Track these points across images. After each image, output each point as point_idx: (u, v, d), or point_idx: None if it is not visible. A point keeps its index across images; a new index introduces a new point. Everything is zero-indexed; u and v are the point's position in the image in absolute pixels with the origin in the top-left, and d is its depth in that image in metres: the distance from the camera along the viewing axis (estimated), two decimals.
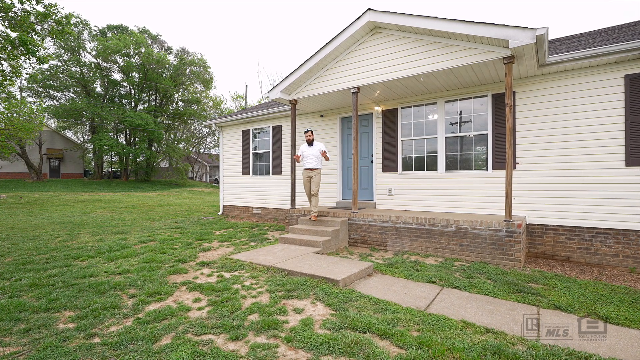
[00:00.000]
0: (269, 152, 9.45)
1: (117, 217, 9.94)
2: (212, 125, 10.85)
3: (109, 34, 30.29)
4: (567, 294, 3.63)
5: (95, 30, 29.99)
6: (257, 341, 2.56)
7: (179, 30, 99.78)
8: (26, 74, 19.70)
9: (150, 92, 32.52)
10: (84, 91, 29.39)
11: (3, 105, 14.98)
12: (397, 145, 7.02)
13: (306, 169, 6.40)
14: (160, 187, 27.63)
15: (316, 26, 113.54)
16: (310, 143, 6.39)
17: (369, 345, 2.45)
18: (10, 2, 11.28)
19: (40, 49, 12.40)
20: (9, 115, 15.02)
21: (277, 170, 9.19)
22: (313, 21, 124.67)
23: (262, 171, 9.66)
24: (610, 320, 2.98)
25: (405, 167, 6.97)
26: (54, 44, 26.56)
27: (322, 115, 8.25)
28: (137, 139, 30.45)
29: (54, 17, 12.27)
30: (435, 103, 6.58)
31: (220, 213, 10.79)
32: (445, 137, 6.45)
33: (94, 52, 29.02)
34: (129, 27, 31.90)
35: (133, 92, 31.81)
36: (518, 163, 5.68)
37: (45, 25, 12.81)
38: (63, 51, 27.75)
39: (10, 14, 11.47)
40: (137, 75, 30.74)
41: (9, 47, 11.46)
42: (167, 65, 31.17)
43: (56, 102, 28.80)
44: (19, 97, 22.60)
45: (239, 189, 10.24)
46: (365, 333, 2.68)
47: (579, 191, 5.20)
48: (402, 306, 3.24)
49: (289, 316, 3.01)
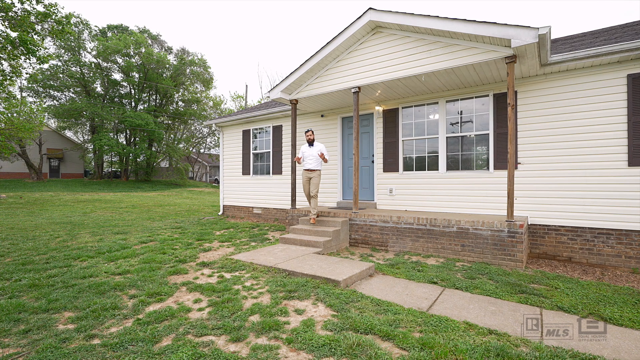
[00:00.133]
0: (269, 152, 9.43)
1: (117, 217, 9.92)
2: (212, 125, 10.84)
3: (109, 34, 30.30)
4: (570, 295, 3.61)
5: (96, 30, 30.01)
6: (258, 342, 2.54)
7: (179, 30, 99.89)
8: (26, 73, 19.73)
9: (151, 92, 32.52)
10: (84, 91, 29.39)
11: (3, 105, 14.97)
12: (398, 145, 7.00)
13: (306, 170, 6.36)
14: (161, 187, 27.61)
15: (316, 26, 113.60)
16: (310, 143, 6.36)
17: (371, 347, 2.43)
18: (10, 1, 11.27)
19: (41, 49, 12.39)
20: (9, 115, 15.02)
21: (278, 170, 9.17)
22: (313, 21, 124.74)
23: (262, 171, 9.64)
24: (614, 322, 2.95)
25: (406, 167, 6.95)
26: (54, 44, 26.61)
27: (322, 115, 8.23)
28: (137, 139, 30.44)
29: (54, 16, 12.28)
30: (436, 103, 6.56)
31: (220, 213, 10.78)
32: (446, 137, 6.42)
33: (94, 52, 29.04)
34: (129, 27, 31.93)
35: (133, 92, 31.81)
36: (520, 163, 5.66)
37: (46, 25, 12.80)
38: (63, 51, 27.76)
39: (10, 14, 11.47)
40: (137, 75, 30.74)
41: (9, 47, 11.46)
42: (167, 65, 31.17)
43: (56, 102, 28.80)
44: (19, 97, 22.61)
45: (239, 189, 10.22)
46: (367, 334, 2.66)
47: (581, 191, 5.18)
48: (404, 307, 3.22)
49: (290, 317, 2.99)
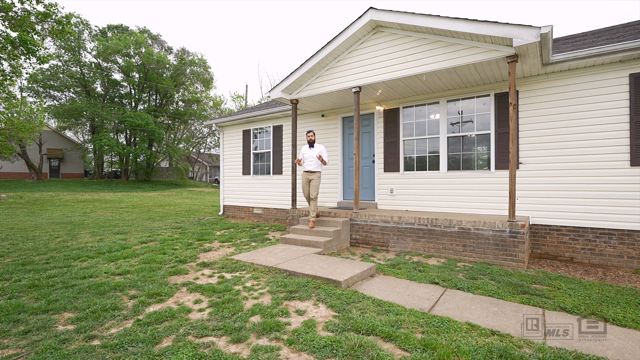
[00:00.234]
0: (269, 152, 9.41)
1: (117, 217, 9.90)
2: (213, 125, 10.82)
3: (109, 34, 30.30)
4: (573, 295, 3.58)
5: (96, 30, 30.00)
6: (259, 343, 2.52)
7: (179, 30, 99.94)
8: (26, 73, 19.75)
9: (151, 92, 32.51)
10: (84, 91, 29.39)
11: (3, 105, 14.97)
12: (398, 145, 6.98)
13: (306, 172, 6.31)
14: (161, 187, 27.60)
15: (316, 26, 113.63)
16: (311, 144, 6.33)
17: (372, 348, 2.41)
18: (10, 1, 11.26)
19: (41, 49, 12.39)
20: (9, 115, 15.01)
21: (278, 170, 9.15)
22: (313, 21, 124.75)
23: (262, 171, 9.62)
24: (617, 323, 2.93)
25: (407, 167, 6.93)
26: (54, 44, 26.63)
27: (323, 115, 8.21)
28: (137, 139, 30.43)
29: (54, 16, 12.27)
30: (437, 102, 6.54)
31: (220, 213, 10.76)
32: (447, 137, 6.40)
33: (94, 52, 29.03)
34: (129, 27, 31.93)
35: (133, 92, 31.81)
36: (521, 163, 5.64)
37: (46, 25, 12.80)
38: (63, 51, 27.76)
39: (10, 14, 11.46)
40: (137, 75, 30.73)
41: (9, 47, 11.45)
42: (168, 65, 31.16)
43: (56, 102, 28.80)
44: (19, 97, 22.62)
45: (239, 189, 10.20)
46: (368, 335, 2.64)
47: (582, 191, 5.16)
48: (405, 308, 3.20)
49: (291, 318, 2.97)
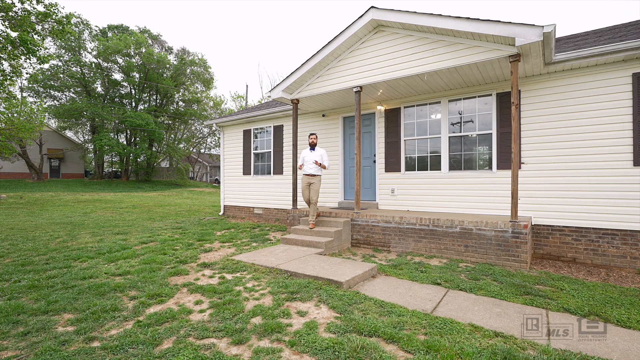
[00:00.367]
0: (270, 152, 9.38)
1: (117, 218, 9.88)
2: (213, 125, 10.80)
3: (110, 34, 30.27)
4: (576, 296, 3.56)
5: (96, 30, 29.97)
6: (261, 345, 2.50)
7: (179, 30, 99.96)
8: (27, 73, 19.73)
9: (151, 92, 32.49)
10: (84, 91, 29.36)
11: (3, 105, 14.96)
12: (400, 145, 6.96)
13: (306, 175, 6.24)
14: (161, 187, 27.58)
15: (316, 26, 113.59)
16: (312, 147, 6.30)
17: (375, 350, 2.39)
18: (10, 1, 11.24)
19: (41, 49, 12.36)
20: (9, 115, 15.00)
21: (279, 170, 9.12)
22: (313, 21, 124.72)
23: (263, 171, 9.60)
24: (622, 324, 2.91)
25: (408, 167, 6.90)
26: (54, 44, 26.60)
27: (324, 115, 8.19)
28: (137, 139, 30.41)
29: (54, 16, 12.25)
30: (438, 102, 6.52)
31: (221, 213, 10.73)
32: (448, 137, 6.38)
33: (94, 52, 29.01)
34: (129, 27, 31.90)
35: (133, 92, 31.78)
36: (523, 163, 5.61)
37: (46, 25, 12.77)
38: (64, 51, 27.73)
39: (10, 14, 11.44)
40: (137, 75, 30.71)
41: (10, 47, 11.43)
42: (168, 65, 31.13)
43: (57, 102, 28.78)
44: (19, 97, 22.62)
45: (240, 189, 10.18)
46: (371, 337, 2.62)
47: (585, 191, 5.13)
48: (407, 309, 3.17)
49: (293, 319, 2.95)
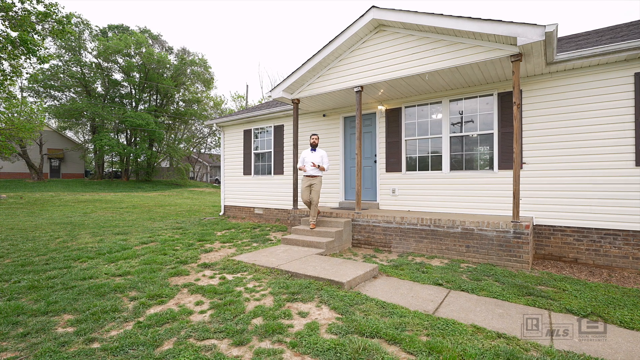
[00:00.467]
0: (270, 152, 9.37)
1: (117, 218, 9.87)
2: (213, 125, 10.78)
3: (110, 34, 30.25)
4: (579, 297, 3.54)
5: (96, 30, 29.95)
6: (262, 346, 2.48)
7: (179, 30, 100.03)
8: (27, 73, 19.69)
9: (151, 92, 32.48)
10: (84, 91, 29.35)
11: (4, 105, 14.95)
12: (400, 145, 6.94)
13: (307, 176, 6.20)
14: (161, 187, 27.57)
15: (317, 26, 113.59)
16: (313, 147, 6.27)
17: (377, 351, 2.37)
18: (10, 1, 11.23)
19: (41, 49, 12.34)
20: (9, 115, 14.99)
21: (279, 170, 9.10)
22: (314, 21, 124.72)
23: (263, 171, 9.58)
24: (625, 325, 2.89)
25: (409, 167, 6.88)
26: (54, 44, 26.58)
27: (324, 115, 8.17)
28: (137, 139, 30.39)
29: (54, 16, 12.24)
30: (439, 102, 6.50)
31: (221, 213, 10.72)
32: (450, 137, 6.36)
33: (94, 52, 29.00)
34: (130, 27, 31.88)
35: (134, 92, 31.77)
36: (524, 163, 5.59)
37: (46, 25, 12.75)
38: (64, 51, 27.72)
39: (10, 14, 11.42)
40: (137, 75, 30.69)
41: (10, 47, 11.42)
42: (168, 65, 31.12)
43: (57, 102, 28.77)
44: (19, 97, 22.62)
45: (240, 189, 10.16)
46: (372, 338, 2.60)
47: (587, 191, 5.11)
48: (409, 310, 3.16)
49: (294, 320, 2.93)
